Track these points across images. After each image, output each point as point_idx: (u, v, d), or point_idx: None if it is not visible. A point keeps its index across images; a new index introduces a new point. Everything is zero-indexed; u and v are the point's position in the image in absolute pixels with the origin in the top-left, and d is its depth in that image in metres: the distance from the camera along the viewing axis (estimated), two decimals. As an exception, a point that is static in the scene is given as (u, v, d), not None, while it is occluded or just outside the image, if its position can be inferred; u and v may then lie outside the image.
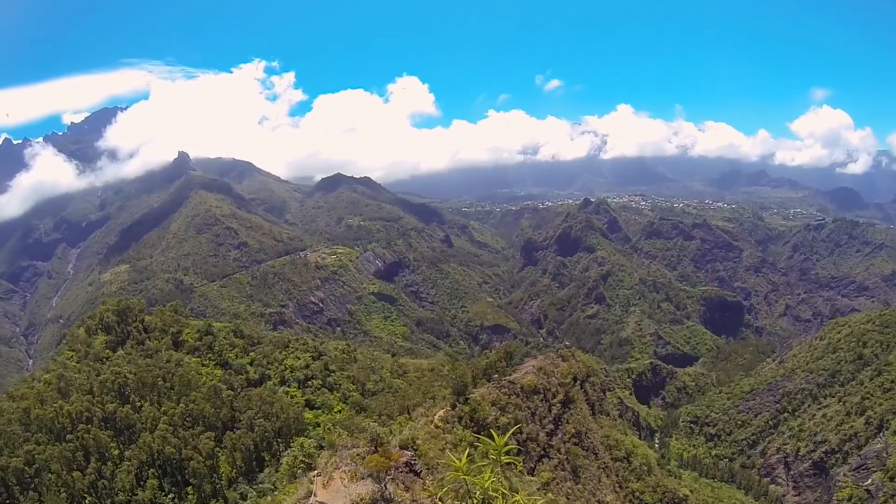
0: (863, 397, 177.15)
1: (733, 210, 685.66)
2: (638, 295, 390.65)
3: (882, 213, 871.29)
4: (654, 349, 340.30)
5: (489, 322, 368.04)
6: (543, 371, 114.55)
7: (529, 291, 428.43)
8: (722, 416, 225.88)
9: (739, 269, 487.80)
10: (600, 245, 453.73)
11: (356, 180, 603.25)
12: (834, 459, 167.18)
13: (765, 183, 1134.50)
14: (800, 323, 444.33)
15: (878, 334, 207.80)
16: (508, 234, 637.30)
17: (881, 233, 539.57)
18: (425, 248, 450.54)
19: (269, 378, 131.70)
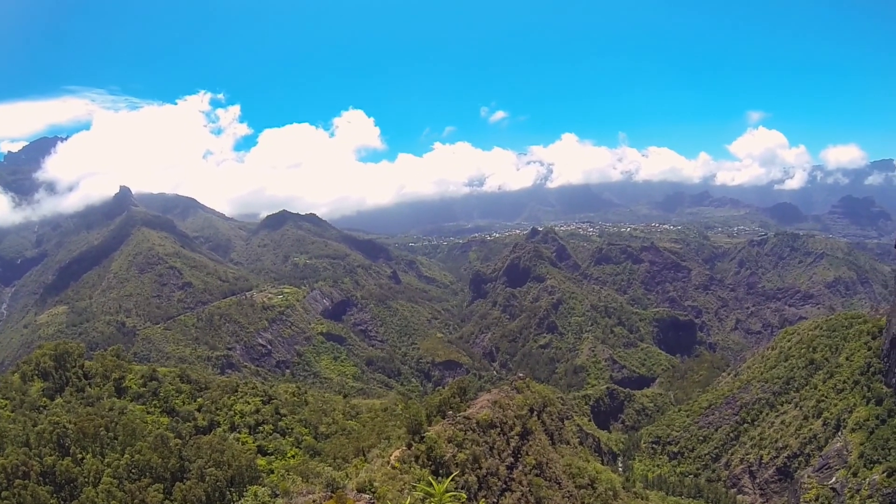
0: (818, 400, 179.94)
1: (679, 231, 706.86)
2: (590, 321, 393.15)
3: (820, 225, 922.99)
4: (610, 374, 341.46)
5: (440, 358, 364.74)
6: (499, 404, 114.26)
7: (480, 324, 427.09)
8: (683, 434, 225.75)
9: (689, 288, 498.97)
10: (550, 274, 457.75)
11: (302, 217, 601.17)
12: (797, 463, 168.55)
13: (708, 203, 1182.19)
14: (751, 335, 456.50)
15: (827, 339, 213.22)
16: (456, 267, 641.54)
17: (821, 243, 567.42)
18: (373, 286, 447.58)
19: (218, 424, 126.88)
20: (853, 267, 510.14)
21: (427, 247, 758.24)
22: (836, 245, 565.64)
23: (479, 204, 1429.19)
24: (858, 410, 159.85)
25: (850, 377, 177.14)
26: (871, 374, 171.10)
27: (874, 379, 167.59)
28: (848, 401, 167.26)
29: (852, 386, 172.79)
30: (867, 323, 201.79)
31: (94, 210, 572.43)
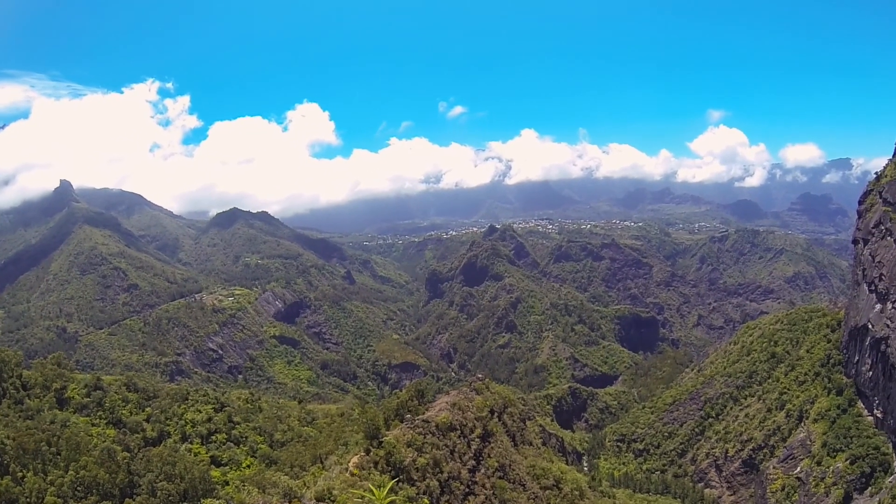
0: (780, 393, 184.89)
1: (640, 228, 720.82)
2: (550, 320, 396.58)
3: (780, 221, 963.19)
4: (572, 373, 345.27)
5: (397, 360, 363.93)
6: (458, 406, 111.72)
7: (437, 325, 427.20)
8: (648, 431, 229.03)
9: (650, 285, 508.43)
10: (508, 272, 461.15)
11: (253, 215, 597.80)
12: (762, 455, 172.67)
13: (669, 200, 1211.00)
14: (713, 331, 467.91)
15: (787, 332, 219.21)
16: (412, 266, 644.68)
17: (780, 239, 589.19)
18: (326, 287, 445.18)
19: (168, 435, 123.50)
20: (812, 262, 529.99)
21: (382, 246, 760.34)
22: (795, 241, 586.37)
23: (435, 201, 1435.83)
24: (820, 401, 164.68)
25: (811, 369, 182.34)
26: (831, 365, 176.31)
27: (834, 370, 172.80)
28: (809, 392, 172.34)
29: (813, 378, 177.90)
30: (826, 316, 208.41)
31: (31, 206, 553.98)
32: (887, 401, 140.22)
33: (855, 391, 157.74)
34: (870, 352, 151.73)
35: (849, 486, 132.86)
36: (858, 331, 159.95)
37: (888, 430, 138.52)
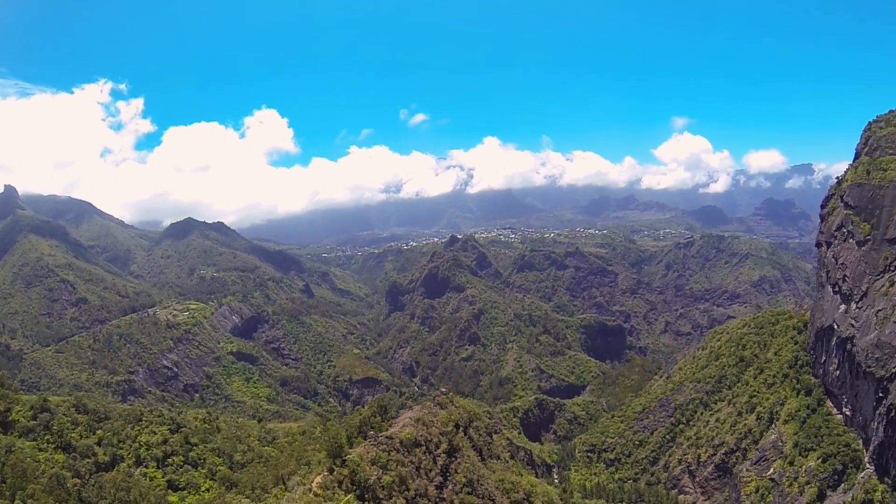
0: (750, 396, 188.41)
1: (605, 236, 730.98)
2: (514, 331, 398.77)
3: (744, 226, 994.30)
4: (538, 384, 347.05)
5: (358, 375, 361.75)
6: (422, 421, 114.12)
7: (398, 339, 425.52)
8: (618, 440, 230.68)
9: (616, 293, 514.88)
10: (470, 283, 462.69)
11: (209, 226, 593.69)
12: (735, 458, 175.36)
13: (634, 207, 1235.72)
14: (681, 337, 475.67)
15: (755, 336, 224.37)
16: (372, 279, 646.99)
17: (745, 244, 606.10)
18: (285, 300, 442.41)
19: (122, 459, 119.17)
20: (777, 266, 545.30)
21: (341, 257, 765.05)
22: (760, 245, 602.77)
23: (395, 211, 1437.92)
24: (789, 402, 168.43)
25: (780, 371, 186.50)
26: (799, 367, 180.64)
27: (802, 371, 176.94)
28: (779, 394, 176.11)
29: (782, 379, 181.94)
30: (793, 318, 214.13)
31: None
32: (855, 398, 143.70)
33: (823, 391, 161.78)
34: (836, 352, 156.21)
35: (822, 483, 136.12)
36: (824, 331, 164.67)
37: (857, 427, 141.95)
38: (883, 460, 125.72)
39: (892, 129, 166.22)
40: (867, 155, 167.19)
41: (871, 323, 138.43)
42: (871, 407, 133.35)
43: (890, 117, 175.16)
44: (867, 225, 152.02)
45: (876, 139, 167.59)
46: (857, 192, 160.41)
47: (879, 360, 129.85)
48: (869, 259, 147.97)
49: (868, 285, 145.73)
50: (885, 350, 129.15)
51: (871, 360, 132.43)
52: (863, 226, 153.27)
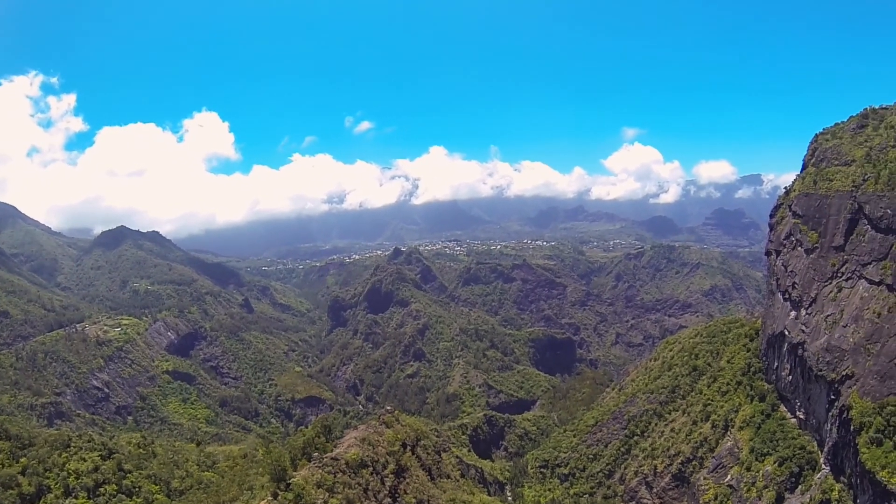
0: (704, 404, 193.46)
1: (553, 247, 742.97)
2: (460, 346, 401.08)
3: (695, 236, 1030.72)
4: (486, 400, 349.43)
5: (301, 394, 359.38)
6: (368, 441, 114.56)
7: (341, 355, 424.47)
8: (572, 455, 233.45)
9: (565, 305, 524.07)
10: (414, 297, 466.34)
11: (143, 235, 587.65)
12: (692, 467, 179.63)
13: (582, 218, 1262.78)
14: (632, 348, 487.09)
15: (707, 345, 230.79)
16: (313, 293, 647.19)
17: (696, 254, 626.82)
18: (223, 316, 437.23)
19: (49, 489, 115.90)
20: (728, 275, 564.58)
21: (282, 271, 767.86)
22: (710, 255, 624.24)
23: (338, 223, 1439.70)
24: (744, 409, 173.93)
25: (733, 379, 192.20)
26: (752, 373, 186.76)
27: (755, 378, 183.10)
28: (733, 401, 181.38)
29: (736, 387, 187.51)
30: (744, 326, 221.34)
31: None
32: (808, 402, 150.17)
33: (777, 396, 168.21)
34: (788, 357, 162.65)
35: (780, 487, 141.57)
36: (776, 338, 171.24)
37: (811, 430, 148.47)
38: (838, 460, 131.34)
39: (838, 141, 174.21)
40: (814, 166, 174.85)
41: (821, 328, 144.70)
42: (824, 409, 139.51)
43: (835, 130, 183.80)
44: (815, 233, 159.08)
45: (822, 151, 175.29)
46: (805, 202, 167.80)
47: (830, 363, 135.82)
48: (817, 266, 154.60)
49: (817, 291, 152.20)
50: (835, 354, 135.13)
51: (822, 364, 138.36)
52: (811, 234, 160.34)
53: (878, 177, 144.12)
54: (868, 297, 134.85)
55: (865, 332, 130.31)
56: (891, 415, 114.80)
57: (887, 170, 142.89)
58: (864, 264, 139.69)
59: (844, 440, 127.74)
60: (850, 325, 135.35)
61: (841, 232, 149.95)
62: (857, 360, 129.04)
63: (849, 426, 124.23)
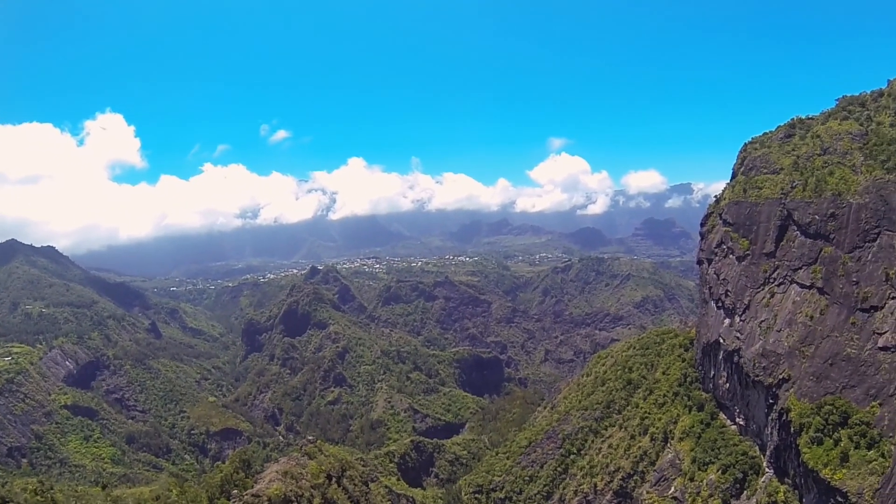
0: (642, 418, 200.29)
1: (476, 263, 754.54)
2: (382, 369, 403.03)
3: (624, 247, 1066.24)
4: (413, 425, 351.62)
5: (216, 427, 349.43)
6: (290, 475, 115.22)
7: (258, 383, 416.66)
8: (507, 478, 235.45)
9: (490, 323, 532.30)
10: (333, 319, 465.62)
11: (36, 250, 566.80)
12: (633, 482, 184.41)
13: (507, 231, 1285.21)
14: (563, 364, 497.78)
15: (641, 357, 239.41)
16: (226, 315, 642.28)
17: (626, 265, 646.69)
18: (128, 342, 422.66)
19: None
20: (659, 285, 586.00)
21: (192, 291, 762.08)
22: (641, 266, 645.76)
23: (252, 239, 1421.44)
24: (683, 419, 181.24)
25: (670, 390, 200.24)
26: (688, 383, 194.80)
27: (692, 388, 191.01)
28: (671, 413, 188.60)
29: (673, 398, 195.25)
30: (678, 336, 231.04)
31: None
32: (747, 408, 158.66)
33: (715, 404, 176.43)
34: (724, 365, 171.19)
35: (725, 494, 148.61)
36: (711, 346, 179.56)
37: (752, 435, 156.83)
38: (781, 462, 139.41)
39: (766, 150, 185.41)
40: (743, 174, 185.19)
41: (756, 334, 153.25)
42: (764, 414, 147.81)
43: (763, 139, 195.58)
44: (746, 241, 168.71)
45: (751, 159, 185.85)
46: (735, 210, 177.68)
47: (766, 368, 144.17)
48: (749, 273, 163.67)
49: (750, 298, 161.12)
50: (771, 358, 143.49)
51: (758, 370, 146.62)
52: (742, 241, 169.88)
53: (806, 184, 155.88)
54: (800, 300, 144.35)
55: (799, 335, 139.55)
56: (829, 414, 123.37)
57: (814, 177, 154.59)
58: (794, 269, 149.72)
59: (785, 442, 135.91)
60: (784, 329, 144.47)
61: (771, 238, 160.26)
62: (792, 363, 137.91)
63: (789, 428, 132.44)
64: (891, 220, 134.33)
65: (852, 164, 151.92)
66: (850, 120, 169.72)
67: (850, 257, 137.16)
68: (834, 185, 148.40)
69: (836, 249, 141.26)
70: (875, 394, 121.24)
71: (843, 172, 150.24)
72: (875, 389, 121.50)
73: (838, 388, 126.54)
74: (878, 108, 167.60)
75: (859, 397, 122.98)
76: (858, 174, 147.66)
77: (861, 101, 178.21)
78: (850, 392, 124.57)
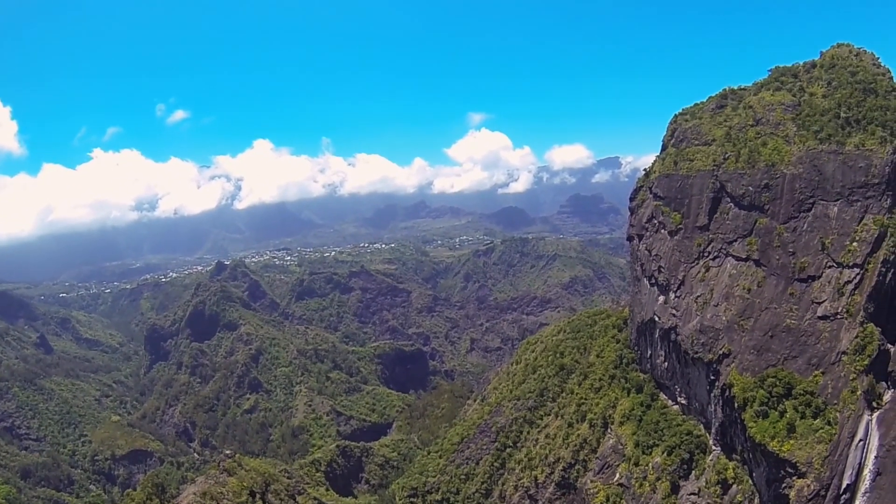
0: (578, 404, 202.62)
1: (393, 249, 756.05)
2: (300, 370, 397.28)
3: (550, 226, 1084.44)
4: (337, 429, 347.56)
5: (123, 450, 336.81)
6: (210, 495, 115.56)
7: (165, 395, 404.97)
8: (442, 478, 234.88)
9: (411, 313, 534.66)
10: (243, 318, 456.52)
11: None
12: (575, 472, 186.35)
13: (425, 214, 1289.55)
14: (490, 353, 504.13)
15: (573, 340, 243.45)
16: (126, 322, 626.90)
17: (551, 244, 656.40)
18: (14, 360, 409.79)
19: None
20: (588, 264, 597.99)
21: (85, 297, 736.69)
22: (568, 245, 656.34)
23: (150, 234, 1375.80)
24: (622, 403, 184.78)
25: (606, 373, 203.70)
26: (624, 365, 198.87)
27: (629, 369, 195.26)
28: (609, 397, 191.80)
29: (609, 381, 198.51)
30: (611, 317, 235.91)
31: None
32: (688, 386, 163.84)
33: (654, 385, 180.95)
34: (661, 344, 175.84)
35: (672, 476, 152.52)
36: (646, 325, 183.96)
37: (696, 414, 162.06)
38: (727, 439, 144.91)
39: (697, 121, 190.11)
40: (674, 146, 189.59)
41: (692, 310, 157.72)
42: (706, 391, 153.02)
43: (695, 110, 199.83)
44: (678, 214, 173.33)
45: (682, 131, 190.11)
46: (666, 183, 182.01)
47: (705, 344, 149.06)
48: (682, 248, 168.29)
49: (684, 273, 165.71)
50: (709, 334, 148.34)
51: (697, 346, 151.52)
52: (673, 215, 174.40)
53: (739, 155, 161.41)
54: (736, 273, 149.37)
55: (737, 308, 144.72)
56: (772, 386, 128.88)
57: (747, 148, 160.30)
58: (729, 242, 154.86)
59: (730, 418, 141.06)
60: (722, 303, 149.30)
61: (704, 211, 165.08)
62: (732, 337, 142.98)
63: (732, 404, 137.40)
64: (825, 189, 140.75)
65: (785, 135, 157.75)
66: (782, 91, 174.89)
67: (786, 228, 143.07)
68: (767, 156, 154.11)
69: (771, 220, 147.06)
70: (817, 363, 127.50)
71: (776, 143, 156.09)
72: (817, 359, 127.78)
73: (780, 359, 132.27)
74: (811, 80, 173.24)
75: (802, 367, 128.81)
76: (792, 145, 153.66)
77: (794, 71, 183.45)
78: (793, 363, 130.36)
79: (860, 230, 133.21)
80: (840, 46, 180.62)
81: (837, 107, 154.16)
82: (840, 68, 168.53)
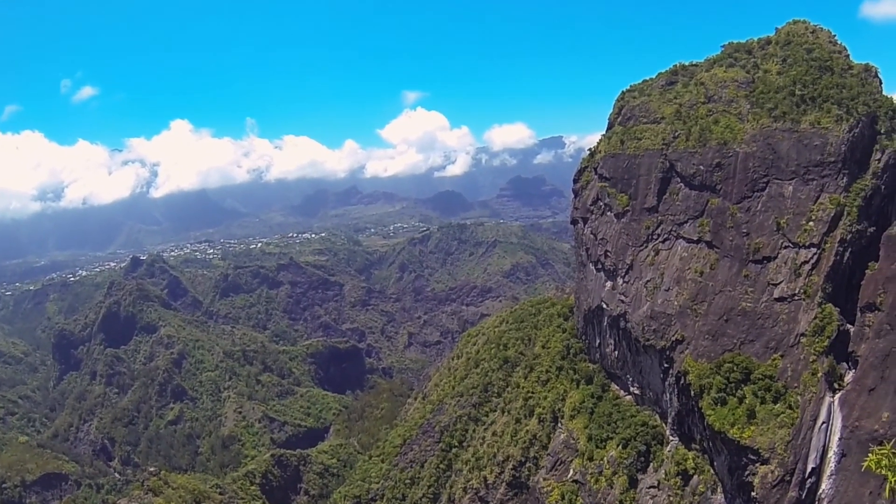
0: (525, 399, 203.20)
1: (324, 239, 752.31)
2: (227, 374, 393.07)
3: (489, 211, 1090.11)
4: (270, 436, 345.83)
5: (34, 474, 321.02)
6: None
7: (79, 410, 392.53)
8: (386, 484, 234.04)
9: (344, 308, 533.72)
10: (163, 319, 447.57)
11: None
12: (527, 470, 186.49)
13: (357, 201, 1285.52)
14: (430, 348, 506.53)
15: (517, 331, 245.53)
16: (30, 328, 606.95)
17: (491, 230, 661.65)
18: None
19: None
20: (530, 250, 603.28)
21: None
22: (508, 230, 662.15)
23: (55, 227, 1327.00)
24: (571, 395, 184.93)
25: (553, 365, 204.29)
26: (572, 356, 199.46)
27: (577, 360, 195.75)
28: (557, 389, 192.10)
29: (557, 373, 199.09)
30: (556, 305, 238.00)
31: None
32: (640, 375, 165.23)
33: (605, 375, 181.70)
34: (610, 331, 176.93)
35: (630, 469, 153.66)
36: (593, 313, 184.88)
37: (650, 403, 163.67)
38: (685, 428, 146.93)
39: (646, 98, 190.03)
40: (621, 125, 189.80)
41: (642, 295, 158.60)
42: (660, 379, 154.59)
43: (643, 87, 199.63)
44: (625, 196, 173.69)
45: (629, 108, 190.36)
46: (612, 163, 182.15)
47: (657, 331, 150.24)
48: (630, 231, 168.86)
49: (633, 257, 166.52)
50: (661, 320, 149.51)
51: (648, 333, 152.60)
52: (620, 197, 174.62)
53: (690, 133, 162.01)
54: (688, 256, 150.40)
55: (690, 292, 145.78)
56: (729, 372, 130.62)
57: (698, 126, 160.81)
58: (680, 223, 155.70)
59: (687, 407, 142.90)
60: (673, 287, 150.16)
61: (653, 192, 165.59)
62: (685, 322, 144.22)
63: (689, 392, 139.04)
64: (779, 168, 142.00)
65: (738, 113, 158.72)
66: (735, 67, 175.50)
67: (739, 208, 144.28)
68: (719, 134, 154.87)
69: (723, 201, 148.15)
70: (775, 346, 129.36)
71: (728, 121, 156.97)
72: (775, 342, 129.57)
73: (736, 344, 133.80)
74: (766, 56, 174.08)
75: (759, 351, 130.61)
76: (745, 122, 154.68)
77: (748, 48, 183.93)
78: (750, 347, 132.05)
79: (816, 209, 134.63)
80: (796, 23, 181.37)
81: (792, 84, 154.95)
82: (796, 45, 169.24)
